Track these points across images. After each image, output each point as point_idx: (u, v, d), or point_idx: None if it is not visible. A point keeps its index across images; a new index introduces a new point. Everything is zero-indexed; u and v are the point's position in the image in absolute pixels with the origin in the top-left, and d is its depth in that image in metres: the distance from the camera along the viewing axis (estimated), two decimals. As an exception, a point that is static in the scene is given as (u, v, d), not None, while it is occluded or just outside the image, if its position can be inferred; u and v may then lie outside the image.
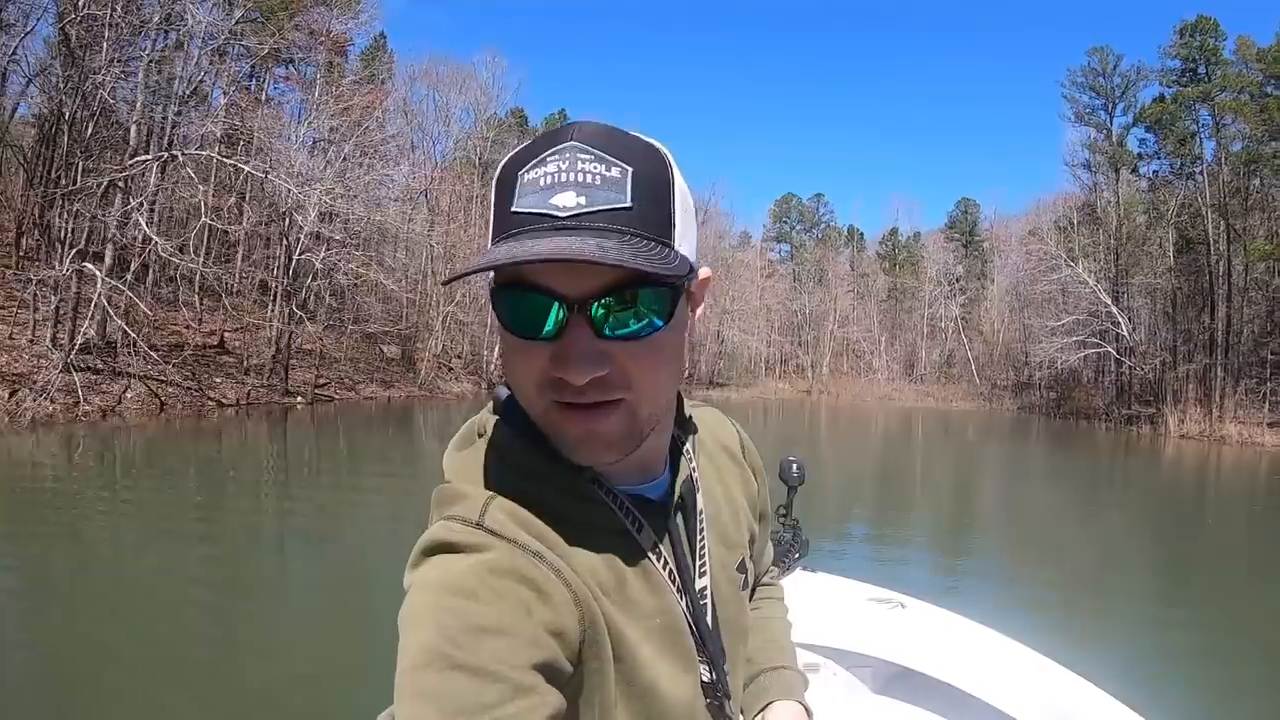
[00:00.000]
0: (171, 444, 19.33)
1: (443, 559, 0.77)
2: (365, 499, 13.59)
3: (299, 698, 5.21)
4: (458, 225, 48.36)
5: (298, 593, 8.25)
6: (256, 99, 37.20)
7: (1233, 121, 38.77)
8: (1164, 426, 36.67)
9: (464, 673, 0.69)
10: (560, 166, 0.74)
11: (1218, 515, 17.10)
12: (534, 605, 0.75)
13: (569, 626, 0.77)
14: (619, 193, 0.74)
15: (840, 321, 73.17)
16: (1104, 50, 47.72)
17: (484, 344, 47.45)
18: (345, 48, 41.67)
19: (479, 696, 0.68)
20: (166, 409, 23.82)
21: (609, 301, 0.75)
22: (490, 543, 0.78)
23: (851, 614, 2.77)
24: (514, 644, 0.72)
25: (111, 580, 7.95)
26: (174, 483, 14.21)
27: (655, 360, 0.79)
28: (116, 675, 5.50)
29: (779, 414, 45.38)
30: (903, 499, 17.42)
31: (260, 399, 28.04)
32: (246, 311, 33.44)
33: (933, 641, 2.59)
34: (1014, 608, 7.83)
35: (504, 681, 0.69)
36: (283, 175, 28.27)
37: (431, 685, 0.69)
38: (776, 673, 1.17)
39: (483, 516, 0.79)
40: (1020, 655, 2.45)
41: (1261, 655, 7.07)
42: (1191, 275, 42.70)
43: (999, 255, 71.40)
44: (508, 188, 0.77)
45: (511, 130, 57.63)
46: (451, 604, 0.73)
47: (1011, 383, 60.85)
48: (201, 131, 29.50)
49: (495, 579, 0.75)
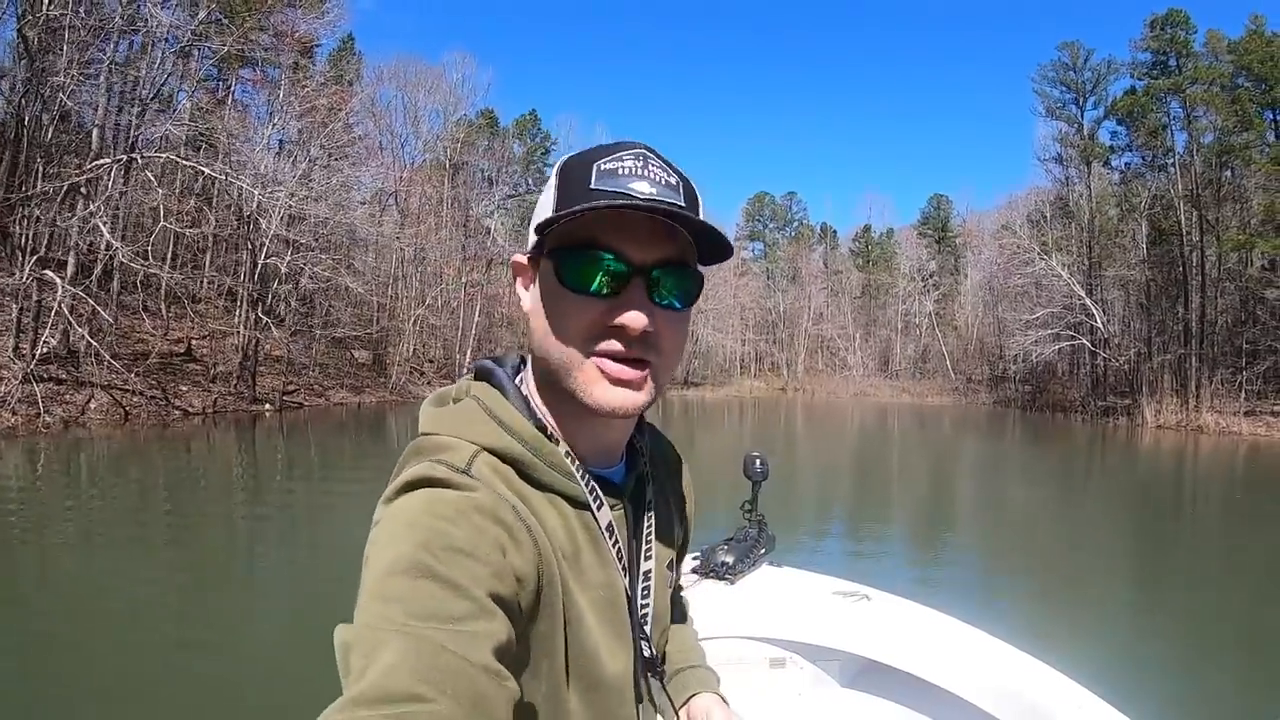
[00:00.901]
0: (135, 454, 18.86)
1: (428, 491, 0.83)
2: (335, 504, 13.26)
3: (268, 703, 5.16)
4: (428, 227, 47.91)
5: (268, 599, 8.01)
6: (221, 102, 36.70)
7: (1204, 113, 39.01)
8: (1141, 417, 36.84)
9: (437, 582, 0.73)
10: (636, 164, 0.88)
11: (1197, 504, 17.10)
12: (507, 547, 0.81)
13: (530, 577, 0.83)
14: (677, 195, 0.88)
15: (814, 319, 73.46)
16: (1074, 45, 48.23)
17: (456, 347, 47.06)
18: (312, 49, 41.08)
19: (447, 607, 0.72)
20: (131, 419, 23.35)
21: (664, 272, 0.88)
22: (475, 485, 0.84)
23: (817, 608, 2.77)
24: (486, 572, 0.77)
25: (74, 591, 7.72)
26: (138, 493, 13.81)
27: (679, 334, 0.93)
28: (83, 682, 5.39)
29: (754, 412, 45.34)
30: (874, 494, 17.34)
31: (227, 407, 27.47)
32: (213, 318, 32.90)
33: (898, 633, 2.59)
34: (987, 599, 7.90)
35: (472, 600, 0.74)
36: (246, 178, 27.70)
37: (401, 589, 0.73)
38: (694, 670, 1.24)
39: (469, 466, 0.87)
40: (985, 644, 2.45)
41: (1237, 644, 7.04)
42: (1165, 266, 42.99)
43: (971, 250, 71.96)
44: (583, 173, 0.88)
45: (482, 131, 57.25)
46: (433, 525, 0.78)
47: (986, 377, 61.20)
48: (162, 134, 28.77)
49: (478, 516, 0.81)
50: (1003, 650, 2.39)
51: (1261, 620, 7.62)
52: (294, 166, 32.21)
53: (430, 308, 44.57)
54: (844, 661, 2.71)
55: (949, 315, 71.52)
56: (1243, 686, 5.96)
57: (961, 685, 2.33)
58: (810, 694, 2.70)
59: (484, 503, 0.82)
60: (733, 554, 2.98)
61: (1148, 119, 41.81)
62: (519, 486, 0.89)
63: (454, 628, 0.70)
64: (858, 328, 73.59)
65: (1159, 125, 41.64)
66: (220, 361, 29.95)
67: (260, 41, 34.11)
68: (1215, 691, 5.75)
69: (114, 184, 25.06)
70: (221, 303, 35.18)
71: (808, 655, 2.72)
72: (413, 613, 0.70)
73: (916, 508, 15.50)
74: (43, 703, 5.04)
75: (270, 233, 29.69)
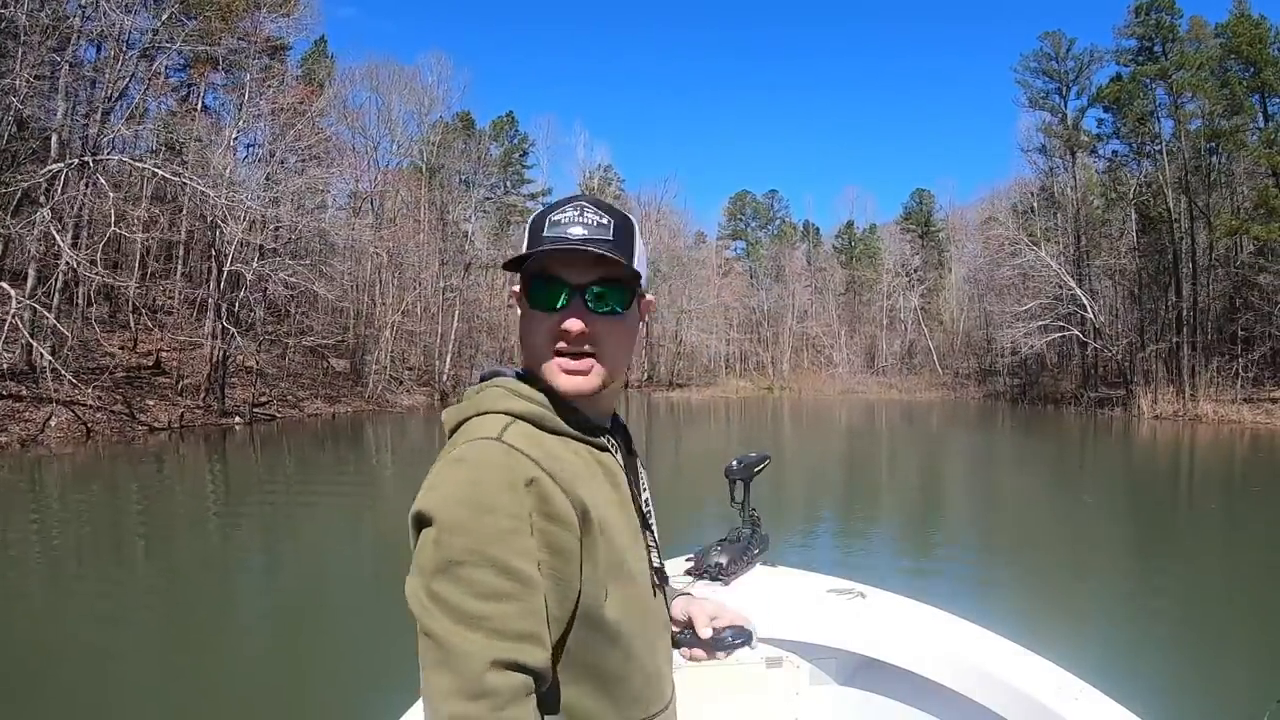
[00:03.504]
0: (96, 474, 18.06)
1: (470, 473, 1.05)
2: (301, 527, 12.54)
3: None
4: (405, 232, 46.93)
5: (244, 630, 7.59)
6: (191, 107, 35.73)
7: (1191, 98, 38.56)
8: (1137, 408, 36.24)
9: (489, 569, 0.97)
10: (574, 213, 1.17)
11: (1210, 495, 16.75)
12: (542, 498, 1.04)
13: (565, 512, 1.06)
14: (606, 231, 1.17)
15: (799, 317, 72.85)
16: (1056, 35, 47.99)
17: (436, 354, 46.17)
18: (282, 51, 39.97)
19: (498, 585, 0.97)
20: (93, 435, 22.45)
21: (596, 290, 1.16)
22: (509, 453, 1.07)
23: (812, 607, 2.78)
24: (526, 544, 1.01)
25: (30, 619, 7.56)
26: (90, 515, 13.17)
27: (620, 333, 1.20)
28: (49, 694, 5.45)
29: (740, 412, 45.03)
30: (870, 492, 17.29)
31: (196, 421, 26.50)
32: (179, 330, 31.92)
33: (894, 630, 2.60)
34: (984, 594, 8.04)
35: (517, 578, 0.98)
36: (204, 180, 26.63)
37: (455, 578, 0.98)
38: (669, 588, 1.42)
39: (502, 433, 1.10)
40: (981, 639, 2.45)
41: (1243, 636, 7.01)
42: (1154, 255, 42.62)
43: (955, 244, 71.61)
44: (540, 224, 1.18)
45: (458, 134, 56.37)
46: (476, 516, 1.00)
47: (974, 370, 60.66)
48: (115, 137, 27.66)
49: (509, 493, 1.03)
50: (999, 645, 2.40)
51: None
52: (258, 168, 31.26)
53: (408, 314, 43.57)
54: (841, 659, 2.73)
55: (934, 310, 71.08)
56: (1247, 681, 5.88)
57: (958, 681, 2.34)
58: (808, 692, 2.74)
59: (516, 472, 1.04)
60: (726, 554, 2.98)
61: (1135, 105, 41.31)
62: (542, 439, 1.12)
63: (510, 604, 0.97)
64: (843, 325, 72.93)
65: (1145, 112, 41.18)
66: (189, 374, 29.00)
67: (226, 43, 33.12)
68: (1216, 685, 5.76)
69: (67, 190, 24.07)
70: (191, 313, 34.19)
71: (804, 654, 2.75)
72: (474, 593, 0.96)
73: (911, 504, 15.49)
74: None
75: (235, 238, 28.55)
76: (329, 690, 5.83)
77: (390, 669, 4.71)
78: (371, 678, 5.36)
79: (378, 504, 14.39)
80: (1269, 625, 7.19)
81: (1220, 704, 5.30)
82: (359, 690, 5.40)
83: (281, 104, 32.90)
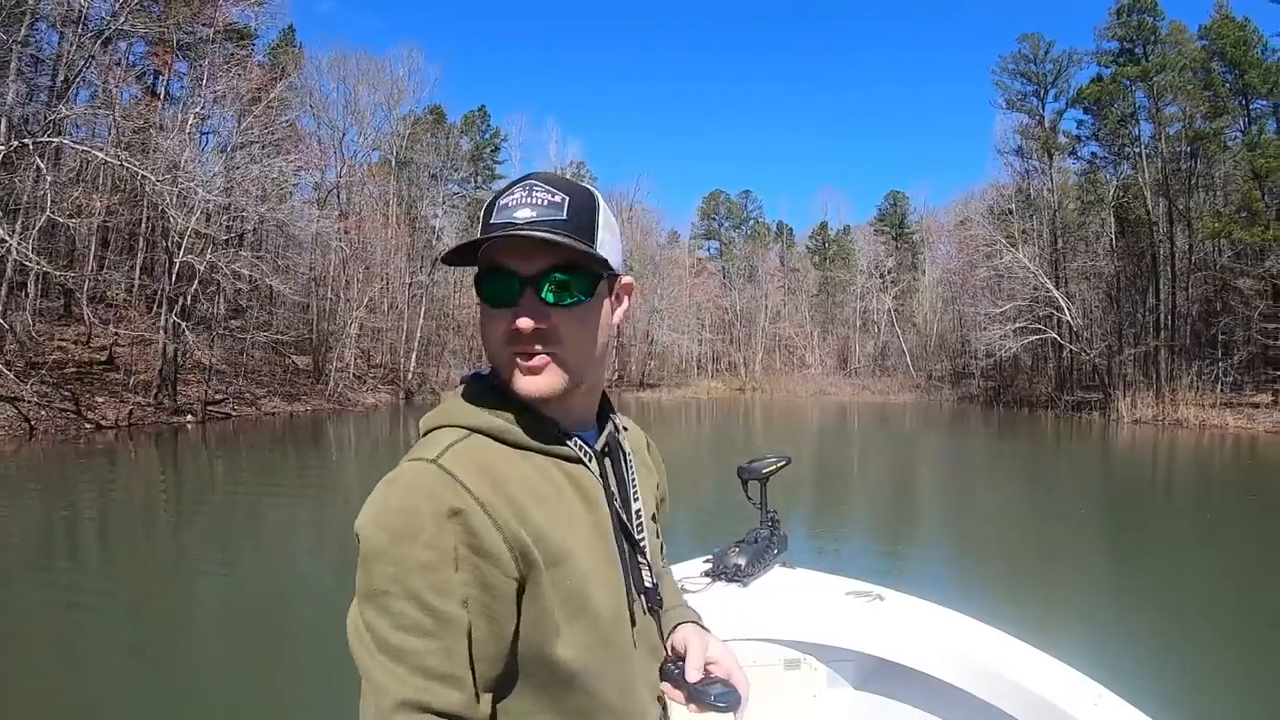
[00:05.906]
0: (36, 473, 17.07)
1: (396, 508, 0.97)
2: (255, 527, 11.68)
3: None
4: (371, 225, 45.84)
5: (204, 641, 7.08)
6: (155, 95, 34.61)
7: (1173, 101, 38.29)
8: (1115, 411, 35.80)
9: (410, 602, 0.92)
10: (523, 194, 1.06)
11: (1208, 500, 16.43)
12: (468, 532, 0.95)
13: (500, 556, 0.97)
14: (559, 211, 1.05)
15: (772, 318, 72.65)
16: (1034, 37, 47.65)
17: (401, 351, 45.18)
18: (248, 38, 38.83)
19: (419, 620, 0.92)
20: (36, 433, 21.39)
21: (551, 277, 1.04)
22: (441, 480, 0.97)
23: (831, 609, 2.74)
24: (448, 579, 0.93)
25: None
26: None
27: (581, 326, 1.08)
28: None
29: (711, 413, 44.41)
30: (869, 491, 17.12)
31: (145, 419, 25.38)
32: (133, 324, 30.73)
33: (912, 633, 2.56)
34: (999, 596, 7.83)
35: (435, 615, 0.92)
36: (149, 165, 25.48)
37: (381, 607, 0.93)
38: (677, 609, 1.38)
39: (440, 455, 1.00)
40: (1000, 642, 2.42)
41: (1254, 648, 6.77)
42: (1133, 258, 42.32)
43: (929, 247, 71.64)
44: (489, 210, 1.07)
45: (429, 127, 55.39)
46: (399, 548, 0.93)
47: (948, 373, 60.43)
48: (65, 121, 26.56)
49: (433, 523, 0.95)
50: (1018, 648, 2.36)
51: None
52: (219, 157, 30.13)
53: (373, 309, 42.54)
54: (859, 662, 2.69)
55: (908, 312, 70.97)
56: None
57: (977, 684, 2.31)
58: (826, 695, 2.72)
59: (442, 502, 0.95)
60: (745, 556, 2.94)
61: (1115, 107, 41.01)
62: (493, 459, 1.02)
63: (435, 642, 0.92)
64: (816, 326, 72.92)
65: (1125, 114, 40.88)
66: (141, 369, 27.88)
67: (185, 27, 32.02)
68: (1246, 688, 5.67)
69: (8, 173, 22.93)
70: (146, 307, 32.99)
71: (822, 656, 2.72)
72: (394, 626, 0.92)
73: (912, 504, 15.52)
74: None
75: (186, 229, 27.35)
76: (284, 698, 5.61)
77: (347, 677, 3.97)
78: (324, 685, 5.15)
79: (333, 508, 13.58)
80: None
81: (1242, 711, 5.24)
82: (316, 698, 5.26)
83: (240, 89, 31.66)
